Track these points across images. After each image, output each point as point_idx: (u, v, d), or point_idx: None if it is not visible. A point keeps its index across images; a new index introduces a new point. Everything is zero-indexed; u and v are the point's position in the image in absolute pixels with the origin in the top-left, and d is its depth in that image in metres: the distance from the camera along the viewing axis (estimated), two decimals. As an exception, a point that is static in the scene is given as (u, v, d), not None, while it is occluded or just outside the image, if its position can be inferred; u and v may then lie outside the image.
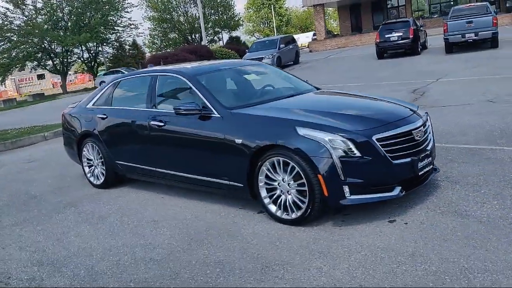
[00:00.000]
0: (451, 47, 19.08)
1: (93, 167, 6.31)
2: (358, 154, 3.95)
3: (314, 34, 45.26)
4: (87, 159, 6.34)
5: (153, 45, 47.35)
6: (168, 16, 46.57)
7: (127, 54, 42.11)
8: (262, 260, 3.66)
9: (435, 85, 11.37)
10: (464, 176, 4.88)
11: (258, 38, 57.52)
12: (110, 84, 6.24)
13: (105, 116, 5.97)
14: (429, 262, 3.31)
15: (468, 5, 22.27)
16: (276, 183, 4.28)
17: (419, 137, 4.30)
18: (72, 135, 6.56)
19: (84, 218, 5.17)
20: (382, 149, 4.00)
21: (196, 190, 5.33)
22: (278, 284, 3.28)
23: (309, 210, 4.08)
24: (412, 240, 3.67)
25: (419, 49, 20.84)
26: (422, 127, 4.38)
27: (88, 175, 6.41)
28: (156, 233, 4.47)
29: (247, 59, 22.71)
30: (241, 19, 54.04)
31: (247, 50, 26.93)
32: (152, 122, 5.26)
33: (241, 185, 4.55)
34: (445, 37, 18.99)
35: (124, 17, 42.55)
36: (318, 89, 5.67)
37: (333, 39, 36.38)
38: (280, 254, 3.73)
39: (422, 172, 4.29)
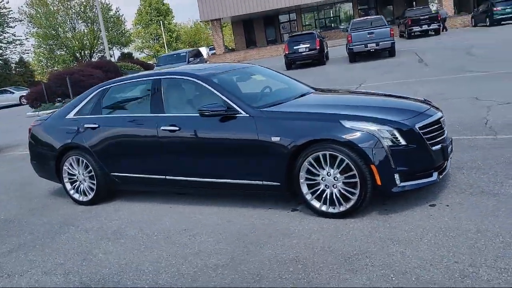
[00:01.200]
0: (355, 56, 20.55)
1: (77, 183, 5.77)
2: (403, 142, 4.14)
3: (211, 49, 45.60)
4: (69, 174, 5.79)
5: (39, 63, 44.22)
6: (53, 32, 43.86)
7: (14, 72, 38.77)
8: (338, 252, 3.67)
9: (363, 89, 12.13)
10: (462, 163, 5.30)
11: (149, 54, 56.43)
12: (95, 92, 5.78)
13: (97, 126, 5.52)
14: (500, 235, 3.57)
15: (365, 18, 24.16)
16: (319, 178, 4.31)
17: (444, 125, 4.62)
18: (47, 150, 5.94)
19: (98, 235, 4.73)
20: (423, 136, 4.24)
21: (211, 194, 5.16)
22: (373, 272, 3.32)
23: (360, 201, 4.17)
24: (467, 219, 3.91)
25: (324, 59, 22.11)
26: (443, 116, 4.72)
27: (71, 192, 5.85)
28: (199, 241, 4.25)
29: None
30: (131, 35, 52.75)
31: (155, 64, 26.38)
32: (163, 128, 4.99)
33: (277, 183, 4.51)
34: (349, 47, 20.39)
35: (7, 32, 39.22)
36: (317, 89, 5.79)
37: (232, 53, 37.01)
38: (351, 245, 3.77)
39: (449, 157, 4.61)
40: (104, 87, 5.75)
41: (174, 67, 21.52)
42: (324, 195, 4.33)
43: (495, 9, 30.09)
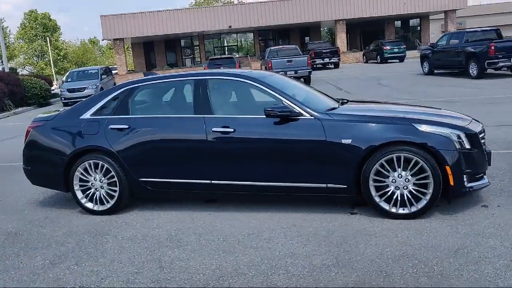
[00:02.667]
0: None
1: (91, 190, 5.19)
2: (468, 146, 4.42)
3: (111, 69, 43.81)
4: (82, 181, 5.19)
5: None
6: None
7: None
8: (440, 248, 3.76)
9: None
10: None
11: (32, 72, 52.67)
12: (119, 90, 5.29)
13: (126, 127, 5.05)
14: None
15: (281, 46, 25.22)
16: (389, 180, 4.41)
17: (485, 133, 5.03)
18: (54, 154, 5.27)
19: (151, 243, 4.29)
20: (481, 141, 4.57)
21: (239, 201, 5.00)
22: (493, 262, 3.47)
23: (432, 201, 4.34)
24: (532, 217, 4.28)
25: (243, 84, 22.48)
26: None
27: (83, 200, 5.23)
28: (280, 244, 4.07)
29: (68, 89, 21.15)
30: (15, 50, 48.78)
31: (62, 80, 24.64)
32: (215, 129, 4.74)
33: (343, 186, 4.52)
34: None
35: None
36: (348, 100, 5.74)
37: (135, 74, 35.92)
38: (445, 241, 3.89)
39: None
40: (132, 86, 5.30)
41: (86, 83, 20.46)
42: (394, 197, 4.42)
43: (384, 48, 33.26)
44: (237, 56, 36.16)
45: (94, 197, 5.19)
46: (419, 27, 44.43)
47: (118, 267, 3.83)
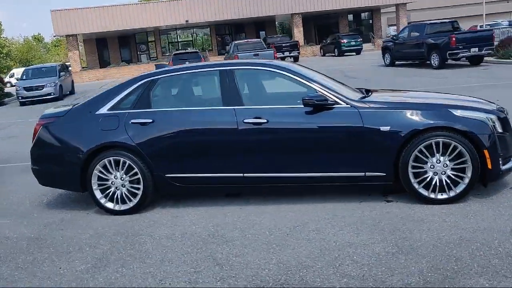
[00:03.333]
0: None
1: (111, 189, 4.92)
2: (500, 130, 4.51)
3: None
4: (101, 180, 4.91)
5: None
6: None
7: None
8: (495, 230, 3.79)
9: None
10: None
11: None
12: (137, 83, 5.01)
13: (150, 121, 4.81)
14: None
15: (246, 40, 25.12)
16: (427, 166, 4.43)
17: None
18: (69, 152, 4.96)
19: (193, 241, 4.10)
20: (510, 125, 4.67)
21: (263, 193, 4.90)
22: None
23: (470, 185, 4.40)
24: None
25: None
26: None
27: (102, 200, 4.95)
28: (330, 234, 4.00)
29: (24, 87, 20.11)
30: None
31: (16, 79, 23.44)
32: (247, 120, 4.60)
33: (382, 174, 4.50)
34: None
35: None
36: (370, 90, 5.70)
37: (90, 71, 34.83)
38: (495, 223, 3.94)
39: None
40: (151, 78, 5.04)
41: (44, 81, 19.55)
42: (433, 183, 4.43)
43: (342, 41, 33.83)
44: (201, 51, 35.74)
45: (115, 196, 4.91)
46: (371, 21, 45.44)
47: (171, 268, 3.63)
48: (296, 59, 32.17)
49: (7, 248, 4.32)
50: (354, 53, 34.42)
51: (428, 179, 4.45)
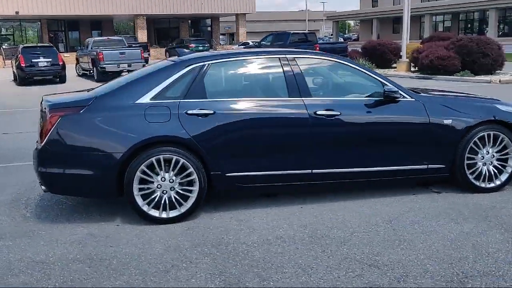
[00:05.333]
0: (104, 75, 19.54)
1: (156, 194, 4.12)
2: None
3: None
4: (143, 183, 4.08)
5: None
6: None
7: None
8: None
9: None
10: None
11: None
12: (184, 69, 4.27)
13: (211, 112, 4.15)
14: None
15: (106, 38, 23.30)
16: (478, 157, 4.72)
17: None
18: (103, 150, 3.99)
19: (298, 245, 3.68)
20: None
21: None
22: None
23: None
24: None
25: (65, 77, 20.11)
26: None
27: (145, 208, 4.11)
28: (435, 225, 3.99)
29: None
30: None
31: None
32: (320, 113, 4.31)
33: (442, 166, 4.66)
34: (101, 65, 19.30)
35: None
36: None
37: None
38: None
39: None
40: (200, 63, 4.33)
41: None
42: (483, 173, 4.73)
43: (190, 45, 33.83)
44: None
45: (163, 201, 4.13)
46: (210, 28, 46.39)
47: (314, 273, 3.20)
48: (146, 61, 31.03)
49: (62, 275, 3.29)
50: (201, 58, 34.65)
51: (479, 170, 4.72)
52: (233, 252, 3.57)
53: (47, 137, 4.02)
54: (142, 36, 37.47)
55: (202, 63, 4.35)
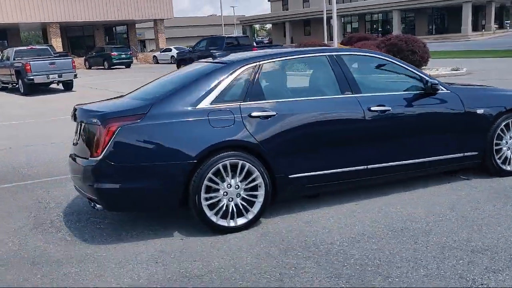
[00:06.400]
0: (32, 88, 18.25)
1: (223, 202, 3.92)
2: None
3: None
4: (209, 191, 3.85)
5: None
6: None
7: None
8: None
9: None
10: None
11: None
12: (238, 69, 4.09)
13: (274, 114, 4.02)
14: None
15: (29, 47, 21.71)
16: (503, 142, 5.01)
17: None
18: (169, 159, 3.72)
19: (410, 235, 3.71)
20: None
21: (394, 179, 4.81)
22: None
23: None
24: None
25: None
26: None
27: (213, 218, 3.89)
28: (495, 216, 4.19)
29: None
30: None
31: None
32: (374, 108, 4.36)
33: (475, 153, 4.90)
34: (28, 77, 17.97)
35: None
36: None
37: None
38: None
39: None
40: (253, 64, 4.17)
41: None
42: (509, 157, 5.04)
43: (112, 54, 32.62)
44: None
45: (230, 209, 3.94)
46: (125, 34, 44.99)
47: (428, 265, 3.23)
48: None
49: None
50: (123, 66, 33.54)
51: (504, 155, 5.03)
52: (331, 253, 3.49)
53: (104, 150, 3.67)
54: (57, 45, 35.45)
55: (256, 63, 4.21)
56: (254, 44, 31.09)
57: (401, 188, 4.82)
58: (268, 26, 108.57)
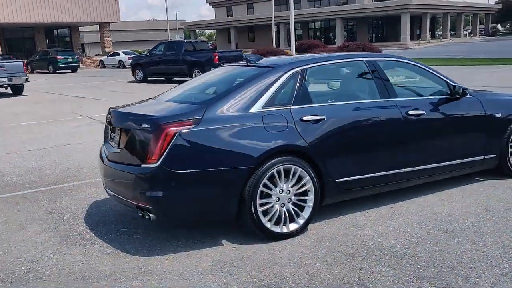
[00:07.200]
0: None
1: (275, 208, 3.85)
2: None
3: None
4: (263, 197, 3.78)
5: None
6: None
7: None
8: None
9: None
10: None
11: None
12: (285, 73, 4.02)
13: (323, 118, 3.98)
14: None
15: None
16: (516, 144, 5.29)
17: None
18: (227, 165, 3.59)
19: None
20: None
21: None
22: None
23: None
24: None
25: None
26: None
27: (268, 225, 3.80)
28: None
29: None
30: None
31: None
32: (411, 112, 4.44)
33: (494, 155, 5.11)
34: (-24, 81, 16.93)
35: None
36: None
37: None
38: None
39: None
40: (300, 68, 4.12)
41: None
42: (522, 159, 5.30)
43: (58, 57, 31.32)
44: None
45: (282, 215, 3.87)
46: (69, 37, 43.34)
47: (506, 263, 3.33)
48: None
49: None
50: (69, 71, 32.28)
51: (516, 156, 5.28)
52: (397, 256, 3.50)
53: (163, 156, 3.48)
54: (-5, 47, 33.58)
55: (302, 67, 4.17)
56: (214, 51, 30.82)
57: (423, 191, 4.92)
58: (207, 31, 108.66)
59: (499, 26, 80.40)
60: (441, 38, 61.20)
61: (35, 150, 7.97)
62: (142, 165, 3.57)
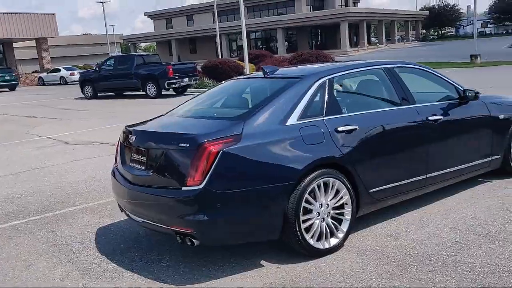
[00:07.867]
0: None
1: (315, 223, 3.71)
2: None
3: None
4: (305, 213, 3.65)
5: None
6: None
7: None
8: None
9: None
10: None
11: None
12: (314, 84, 3.90)
13: (355, 128, 3.90)
14: None
15: None
16: (516, 144, 5.47)
17: None
18: (270, 182, 3.42)
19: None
20: None
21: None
22: None
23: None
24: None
25: None
26: None
27: (311, 241, 3.65)
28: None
29: None
30: None
31: None
32: (431, 118, 4.47)
33: (498, 156, 5.25)
34: None
35: None
36: None
37: None
38: None
39: None
40: (326, 78, 4.02)
41: None
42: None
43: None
44: None
45: (322, 229, 3.75)
46: (1, 54, 41.14)
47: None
48: None
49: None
50: (7, 89, 30.61)
51: (517, 156, 5.46)
52: (449, 264, 3.45)
53: (207, 177, 3.26)
54: None
55: (329, 77, 4.08)
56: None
57: (441, 195, 4.95)
58: (143, 44, 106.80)
59: (431, 32, 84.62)
60: (378, 44, 63.53)
61: (2, 177, 7.37)
62: (183, 188, 3.33)
